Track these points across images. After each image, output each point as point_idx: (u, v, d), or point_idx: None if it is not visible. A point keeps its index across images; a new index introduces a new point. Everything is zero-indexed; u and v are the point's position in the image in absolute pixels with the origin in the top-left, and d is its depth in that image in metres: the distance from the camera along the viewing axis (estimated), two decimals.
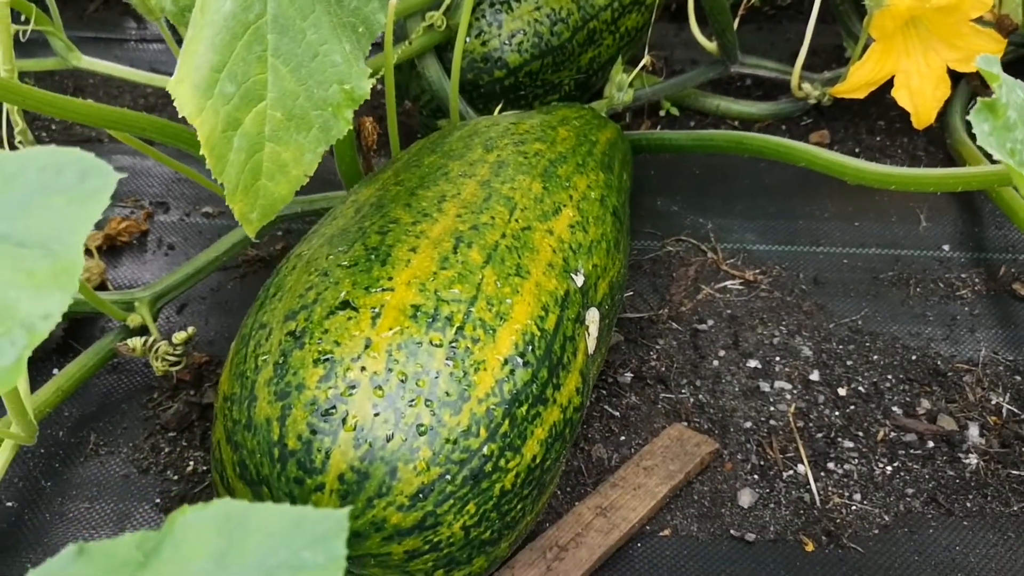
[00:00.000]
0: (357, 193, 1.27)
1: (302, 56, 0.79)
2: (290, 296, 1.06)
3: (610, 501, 1.30)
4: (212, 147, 0.78)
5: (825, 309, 1.65)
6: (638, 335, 1.60)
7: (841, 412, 1.48)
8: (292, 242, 1.74)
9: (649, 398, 1.50)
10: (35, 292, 0.54)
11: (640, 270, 1.72)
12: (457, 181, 1.22)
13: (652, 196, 1.88)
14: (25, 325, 0.54)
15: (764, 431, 1.45)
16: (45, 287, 0.55)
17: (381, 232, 1.10)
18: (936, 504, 1.35)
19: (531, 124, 1.41)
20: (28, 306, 0.54)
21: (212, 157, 0.79)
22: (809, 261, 1.75)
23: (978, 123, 0.73)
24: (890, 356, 1.57)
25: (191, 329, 1.34)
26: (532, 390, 1.05)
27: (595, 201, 1.32)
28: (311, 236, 1.20)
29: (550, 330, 1.10)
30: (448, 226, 1.13)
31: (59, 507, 1.29)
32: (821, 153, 1.42)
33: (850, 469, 1.40)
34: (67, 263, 0.56)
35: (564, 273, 1.18)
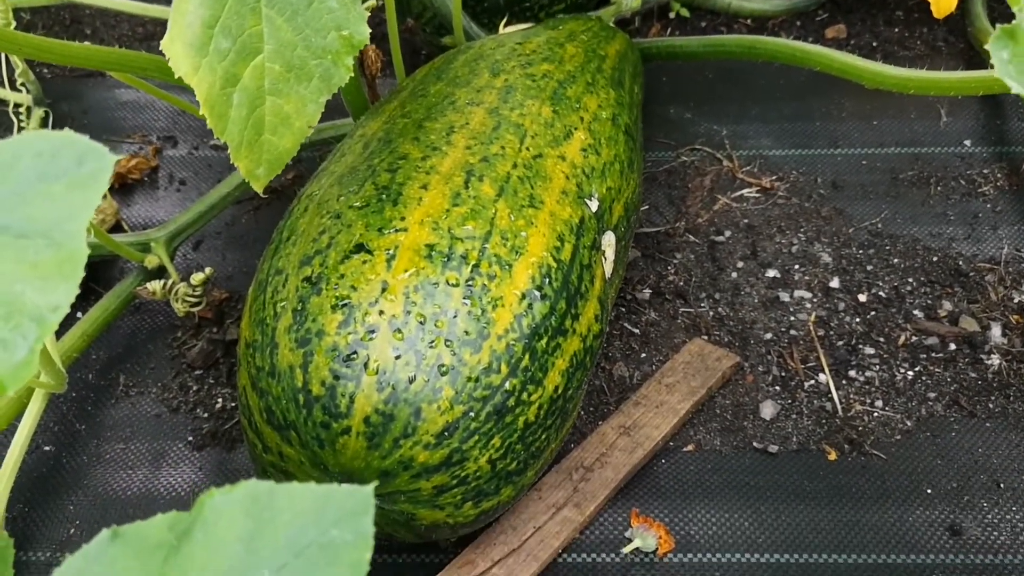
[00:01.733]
0: (364, 127, 1.25)
1: (297, 4, 0.77)
2: (304, 240, 1.06)
3: (633, 420, 1.31)
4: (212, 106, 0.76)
5: (844, 214, 1.64)
6: (655, 250, 1.59)
7: (862, 319, 1.48)
8: (303, 172, 1.73)
9: (668, 313, 1.50)
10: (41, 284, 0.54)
11: (655, 182, 1.70)
12: (465, 110, 1.20)
13: (665, 104, 1.85)
14: (34, 318, 0.54)
15: (784, 341, 1.45)
16: (51, 278, 0.54)
17: (391, 170, 1.09)
18: (958, 407, 1.36)
19: (538, 43, 1.38)
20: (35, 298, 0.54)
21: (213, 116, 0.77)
22: (827, 164, 1.73)
23: (996, 51, 0.70)
24: (911, 259, 1.56)
25: (208, 270, 1.35)
26: (551, 323, 1.05)
27: (607, 121, 1.29)
28: (321, 174, 1.19)
29: (566, 260, 1.09)
30: (458, 159, 1.11)
31: (95, 449, 1.32)
32: (837, 56, 1.39)
33: (871, 376, 1.40)
34: (71, 251, 0.55)
35: (578, 200, 1.17)
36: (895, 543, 1.21)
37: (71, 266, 0.55)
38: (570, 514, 1.20)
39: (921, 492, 1.26)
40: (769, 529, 1.23)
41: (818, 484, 1.27)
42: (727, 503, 1.26)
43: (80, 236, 0.57)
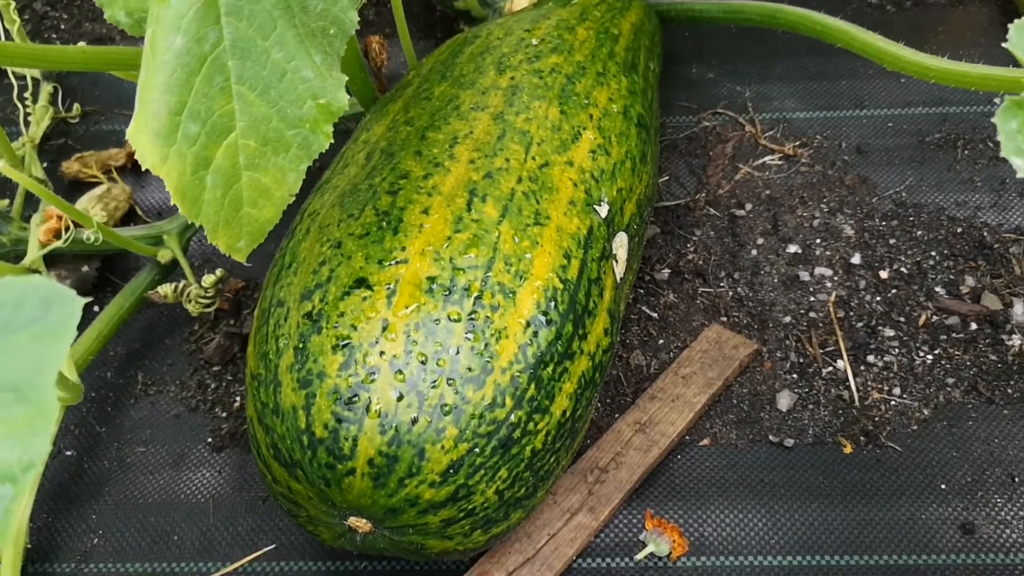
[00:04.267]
0: (368, 130, 1.23)
1: (269, 78, 0.74)
2: (305, 270, 1.05)
3: (649, 415, 1.31)
4: (184, 192, 0.74)
5: (868, 182, 1.60)
6: (675, 225, 1.56)
7: (883, 297, 1.45)
8: None
9: (687, 294, 1.48)
10: (13, 441, 0.54)
11: (675, 150, 1.66)
12: (469, 116, 1.17)
13: (686, 63, 1.79)
14: (8, 477, 0.54)
15: (803, 324, 1.43)
16: (21, 435, 0.54)
17: (392, 191, 1.08)
18: (976, 393, 1.35)
19: (547, 27, 1.33)
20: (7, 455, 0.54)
21: (185, 202, 0.75)
22: (852, 127, 1.67)
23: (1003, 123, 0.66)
24: (934, 230, 1.53)
25: (220, 270, 1.35)
26: (557, 348, 1.04)
27: (618, 115, 1.26)
28: (324, 187, 1.17)
29: (573, 279, 1.08)
30: (461, 176, 1.09)
31: (116, 453, 1.34)
32: (859, 34, 1.33)
33: (890, 361, 1.38)
34: (41, 406, 0.55)
35: (587, 208, 1.15)
36: (907, 543, 1.21)
37: (42, 421, 0.55)
38: (584, 519, 1.21)
39: (935, 487, 1.26)
40: (783, 530, 1.23)
41: (833, 480, 1.27)
42: (742, 502, 1.26)
43: (50, 389, 0.56)
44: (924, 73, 1.22)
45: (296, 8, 0.74)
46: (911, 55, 1.24)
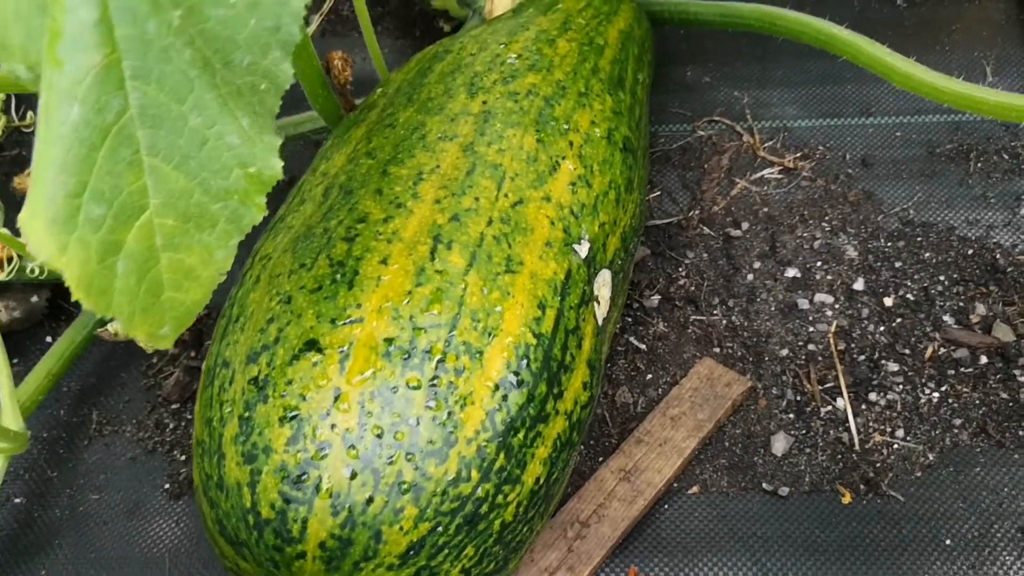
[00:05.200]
0: (328, 159, 1.13)
1: (187, 147, 0.64)
2: (252, 327, 0.96)
3: (634, 462, 1.23)
4: (88, 284, 0.64)
5: (873, 198, 1.49)
6: (666, 246, 1.47)
7: (887, 327, 1.36)
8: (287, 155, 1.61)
9: (678, 322, 1.39)
10: None
11: (668, 163, 1.56)
12: (436, 148, 1.07)
13: (681, 65, 1.69)
14: None
15: (801, 358, 1.34)
16: None
17: (348, 238, 0.98)
18: (985, 435, 1.26)
19: (525, 40, 1.23)
20: None
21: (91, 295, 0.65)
22: (857, 137, 1.57)
23: None
24: (944, 252, 1.43)
25: None
26: (529, 412, 0.95)
27: (601, 140, 1.16)
28: (277, 226, 1.08)
29: (548, 333, 0.99)
30: (425, 218, 1.00)
31: (68, 500, 1.26)
32: (865, 47, 1.22)
33: (893, 399, 1.29)
34: None
35: (565, 248, 1.05)
36: None
37: None
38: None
39: (940, 543, 1.17)
40: None
41: (830, 533, 1.19)
42: (732, 557, 1.18)
43: None
44: (936, 95, 1.12)
45: (217, 65, 0.64)
46: (922, 74, 1.14)
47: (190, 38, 0.63)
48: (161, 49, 0.62)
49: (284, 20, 0.65)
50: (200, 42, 0.63)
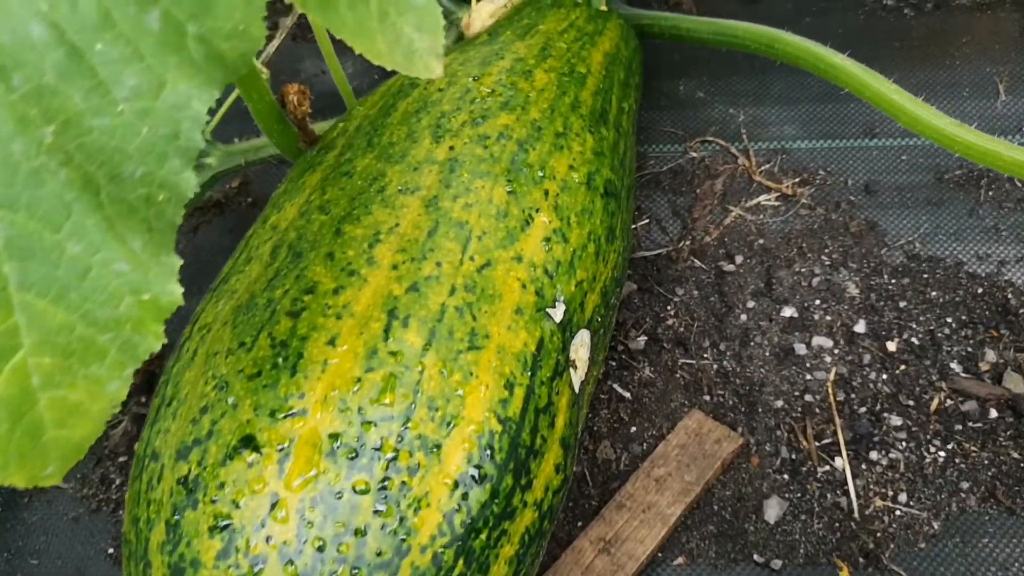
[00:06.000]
0: (280, 209, 1.03)
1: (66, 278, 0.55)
2: (184, 415, 0.86)
3: (615, 530, 1.14)
4: None
5: (877, 229, 1.39)
6: (654, 280, 1.37)
7: (889, 375, 1.26)
8: (251, 178, 1.51)
9: (666, 367, 1.30)
10: None
11: (658, 187, 1.46)
12: (395, 203, 0.97)
13: (673, 79, 1.58)
14: None
15: (797, 410, 1.24)
16: None
17: (293, 312, 0.88)
18: (995, 501, 1.16)
19: (499, 72, 1.12)
20: None
21: None
22: (860, 160, 1.46)
23: None
24: (951, 291, 1.33)
25: None
26: (493, 509, 0.86)
27: (580, 187, 1.06)
28: (220, 288, 0.98)
29: (516, 416, 0.89)
30: (380, 289, 0.90)
31: (5, 566, 1.17)
32: (870, 81, 1.11)
33: (896, 458, 1.20)
34: None
35: (537, 315, 0.95)
36: None
37: None
38: None
39: None
40: None
41: None
42: None
43: None
44: (947, 142, 1.01)
45: (102, 181, 0.54)
46: (931, 117, 1.03)
47: (67, 155, 0.53)
48: (30, 172, 0.52)
49: (183, 126, 0.55)
50: (80, 158, 0.53)
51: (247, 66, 0.58)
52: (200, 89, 0.56)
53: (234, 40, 0.56)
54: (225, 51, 0.57)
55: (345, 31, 0.60)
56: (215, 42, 0.56)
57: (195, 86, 0.56)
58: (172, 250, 0.59)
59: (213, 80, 0.56)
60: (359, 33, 0.60)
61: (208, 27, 0.56)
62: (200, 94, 0.56)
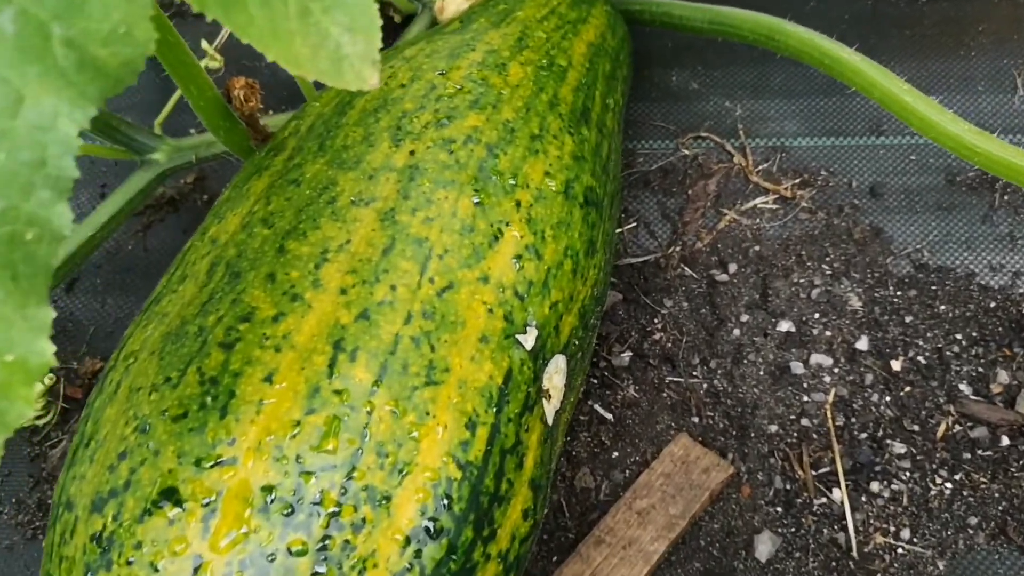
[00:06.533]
0: (221, 219, 0.93)
1: None
2: (102, 459, 0.76)
3: (592, 569, 1.04)
4: None
5: (882, 235, 1.29)
6: (640, 289, 1.26)
7: (893, 397, 1.17)
8: (207, 173, 1.40)
9: (652, 385, 1.20)
10: None
11: (647, 187, 1.35)
12: (347, 216, 0.86)
13: (665, 67, 1.47)
14: None
15: (793, 435, 1.15)
16: None
17: (226, 343, 0.78)
18: (1005, 538, 1.07)
19: (469, 65, 1.01)
20: None
21: None
22: (866, 160, 1.36)
23: None
24: (962, 304, 1.23)
25: (49, 378, 1.06)
26: (450, 566, 0.76)
27: (556, 196, 0.95)
28: (151, 310, 0.88)
29: (478, 460, 0.79)
30: (326, 316, 0.80)
31: None
32: (879, 80, 1.01)
33: (899, 490, 1.10)
34: None
35: (506, 341, 0.85)
36: None
37: None
38: None
39: None
40: None
41: None
42: None
43: None
44: (965, 152, 0.91)
45: None
46: (947, 122, 0.93)
47: None
48: None
49: (51, 151, 0.45)
50: None
51: (133, 77, 0.48)
52: (71, 105, 0.46)
53: (114, 45, 0.46)
54: (103, 58, 0.46)
55: (254, 33, 0.49)
56: (89, 47, 0.46)
57: (64, 101, 0.46)
58: (44, 300, 0.49)
59: (87, 95, 0.46)
60: (273, 35, 0.49)
61: (79, 29, 0.45)
62: (71, 111, 0.46)
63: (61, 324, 1.26)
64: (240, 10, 0.49)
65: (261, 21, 0.50)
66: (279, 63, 0.51)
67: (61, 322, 1.26)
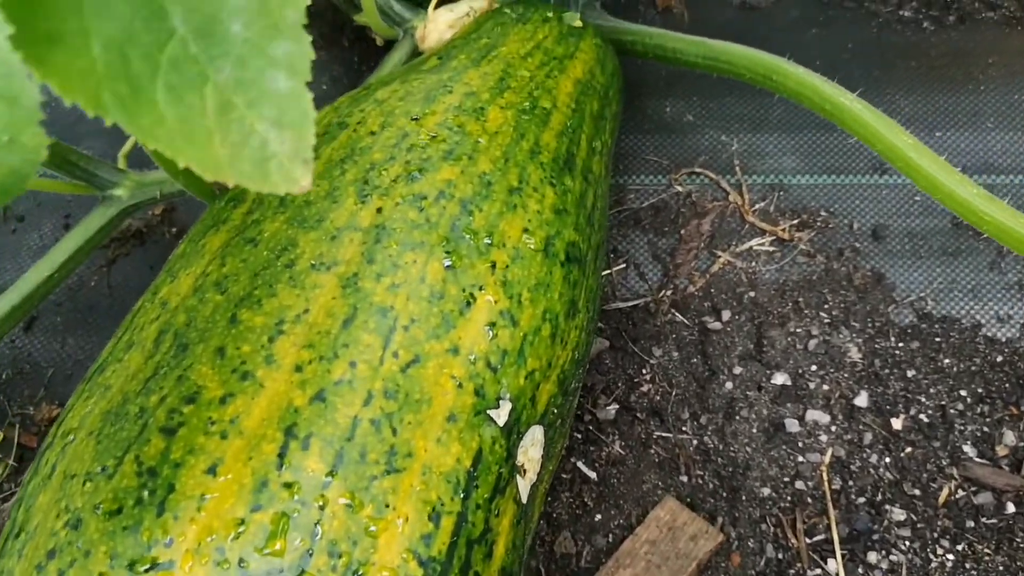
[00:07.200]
0: (174, 277, 0.86)
1: None
2: (30, 556, 0.70)
3: None
4: None
5: (884, 282, 1.22)
6: (629, 336, 1.20)
7: (893, 458, 1.10)
8: (175, 204, 1.33)
9: (639, 441, 1.13)
10: None
11: (638, 226, 1.29)
12: (306, 282, 0.80)
13: (659, 98, 1.40)
14: None
15: (787, 499, 1.08)
16: None
17: (168, 428, 0.72)
18: None
19: (445, 110, 0.95)
20: None
21: None
22: (868, 200, 1.29)
23: None
24: (967, 358, 1.16)
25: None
26: None
27: (535, 255, 0.89)
28: (95, 380, 0.81)
29: (441, 555, 0.73)
30: (278, 398, 0.73)
31: None
32: (883, 132, 0.94)
33: (897, 561, 1.04)
34: None
35: (476, 419, 0.79)
36: None
37: None
38: None
39: None
40: None
41: None
42: None
43: None
44: (973, 219, 0.84)
45: None
46: (954, 184, 0.86)
47: None
48: None
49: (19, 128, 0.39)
50: None
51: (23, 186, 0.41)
52: None
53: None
54: None
55: (162, 136, 0.43)
56: None
57: None
58: None
59: None
60: (186, 138, 0.43)
61: None
62: None
63: (18, 366, 1.19)
64: (146, 111, 0.42)
65: (172, 122, 0.43)
66: (193, 168, 0.45)
67: (18, 363, 1.20)
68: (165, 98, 0.44)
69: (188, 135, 0.44)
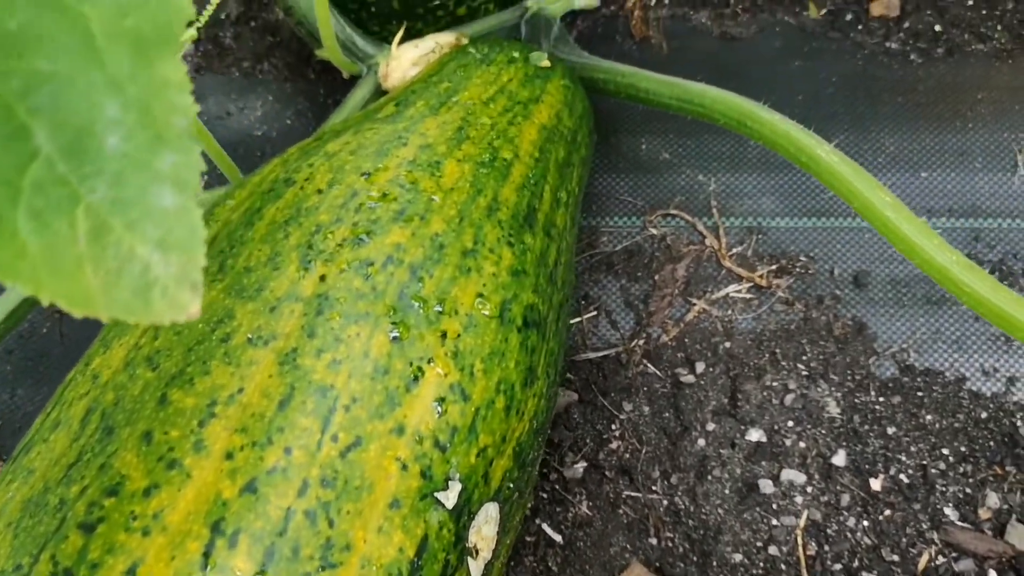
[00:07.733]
0: (107, 346, 0.82)
1: None
2: None
3: None
4: None
5: (865, 332, 1.18)
6: (599, 389, 1.15)
7: (872, 522, 1.06)
8: None
9: (607, 501, 1.09)
10: None
11: (610, 271, 1.24)
12: (241, 359, 0.75)
13: (634, 135, 1.35)
14: None
15: (759, 565, 1.04)
16: None
17: (87, 524, 0.67)
18: None
19: (398, 165, 0.90)
20: None
21: None
22: (849, 245, 1.25)
23: None
24: (950, 414, 1.12)
25: None
26: None
27: (489, 322, 0.84)
28: (19, 462, 0.77)
29: None
30: (205, 490, 0.69)
31: None
32: (861, 189, 0.89)
33: None
34: None
35: (421, 503, 0.75)
36: None
37: None
38: None
39: None
40: None
41: None
42: None
43: None
44: (952, 287, 0.80)
45: None
46: (933, 249, 0.82)
47: None
48: None
49: None
50: None
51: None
52: None
53: None
54: None
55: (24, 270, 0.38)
56: None
57: None
58: None
59: None
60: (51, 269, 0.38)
61: None
62: None
63: None
64: (6, 243, 0.38)
65: (35, 252, 0.39)
66: (58, 304, 0.40)
67: None
68: (28, 226, 0.39)
69: (54, 266, 0.39)
